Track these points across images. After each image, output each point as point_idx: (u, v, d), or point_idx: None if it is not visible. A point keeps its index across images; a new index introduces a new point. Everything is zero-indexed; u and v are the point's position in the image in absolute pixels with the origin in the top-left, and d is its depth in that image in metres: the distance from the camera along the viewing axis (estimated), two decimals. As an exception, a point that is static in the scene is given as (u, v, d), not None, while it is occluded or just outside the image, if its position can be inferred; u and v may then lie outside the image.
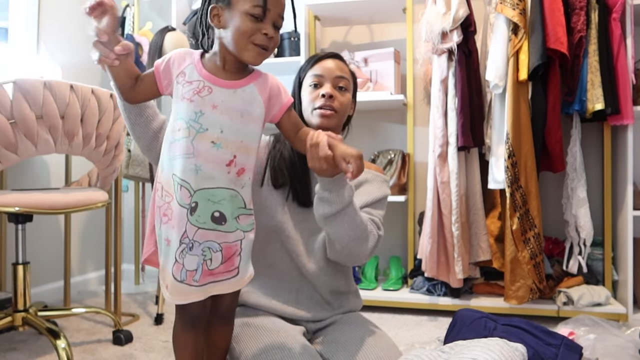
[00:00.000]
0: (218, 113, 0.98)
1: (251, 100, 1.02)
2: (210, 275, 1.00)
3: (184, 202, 0.97)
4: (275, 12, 1.01)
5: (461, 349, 1.32)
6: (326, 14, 2.66)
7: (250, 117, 1.01)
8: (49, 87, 1.60)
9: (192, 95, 0.99)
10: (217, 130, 0.97)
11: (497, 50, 2.17)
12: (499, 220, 2.36)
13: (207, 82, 1.00)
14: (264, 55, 1.01)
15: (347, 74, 1.28)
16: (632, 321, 2.12)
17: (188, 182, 0.97)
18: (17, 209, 1.57)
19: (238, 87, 1.01)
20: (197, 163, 0.97)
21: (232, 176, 0.99)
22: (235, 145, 0.99)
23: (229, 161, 0.98)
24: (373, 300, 2.38)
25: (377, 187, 1.30)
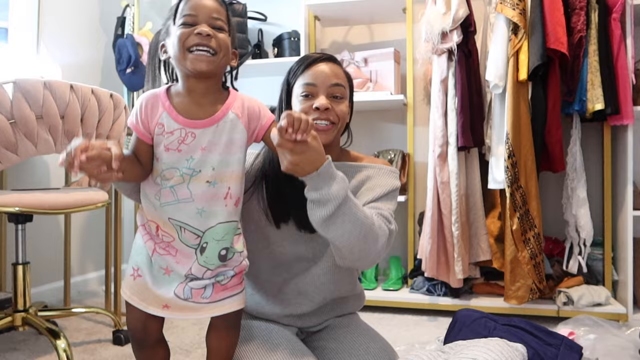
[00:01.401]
0: (207, 153, 0.97)
1: (232, 129, 1.00)
2: (224, 289, 1.02)
3: (191, 243, 0.99)
4: (205, 14, 0.96)
5: (461, 349, 1.32)
6: (326, 14, 2.66)
7: (233, 145, 1.00)
8: (49, 87, 1.60)
9: (178, 145, 0.97)
10: (210, 169, 0.97)
11: (497, 50, 2.17)
12: (499, 220, 2.36)
13: (188, 129, 0.97)
14: (206, 58, 0.95)
15: (342, 80, 1.15)
16: (632, 321, 2.12)
17: (193, 225, 0.98)
18: (17, 209, 1.57)
19: (218, 120, 0.99)
20: (198, 207, 0.97)
21: (231, 208, 1.00)
22: (228, 176, 0.99)
23: (225, 194, 0.99)
24: (373, 300, 2.38)
25: (381, 180, 1.17)
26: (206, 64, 0.95)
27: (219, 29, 0.98)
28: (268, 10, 2.97)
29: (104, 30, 2.94)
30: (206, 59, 0.95)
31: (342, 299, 1.28)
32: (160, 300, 1.00)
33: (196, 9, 0.96)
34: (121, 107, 1.86)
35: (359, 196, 1.14)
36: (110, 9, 2.93)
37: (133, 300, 1.01)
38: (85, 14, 2.82)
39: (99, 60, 2.94)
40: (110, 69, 2.87)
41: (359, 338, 1.20)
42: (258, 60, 2.72)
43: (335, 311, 1.28)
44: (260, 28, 2.92)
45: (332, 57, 1.18)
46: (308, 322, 1.25)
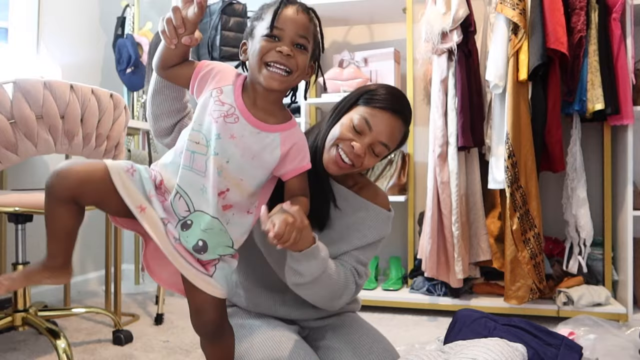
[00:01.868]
0: (233, 144, 0.97)
1: (270, 149, 0.99)
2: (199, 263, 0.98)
3: (179, 212, 0.97)
4: (292, 31, 0.95)
5: (461, 349, 1.32)
6: (326, 14, 2.66)
7: (260, 161, 0.99)
8: (49, 87, 1.60)
9: (219, 116, 0.97)
10: (224, 159, 0.96)
11: (497, 50, 2.17)
12: (499, 220, 2.36)
13: (237, 111, 0.98)
14: (279, 78, 0.95)
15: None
16: (632, 321, 2.12)
17: (191, 198, 0.97)
18: (17, 209, 1.57)
19: (263, 130, 0.99)
20: (205, 184, 0.97)
21: (220, 207, 0.98)
22: (233, 180, 0.98)
23: (221, 191, 0.97)
24: (373, 300, 2.38)
25: (375, 229, 1.19)
26: (278, 83, 0.96)
27: (301, 46, 0.97)
28: (268, 10, 2.97)
29: (104, 30, 2.94)
30: (280, 77, 0.95)
31: None
32: (140, 200, 0.95)
33: (284, 24, 0.95)
34: (121, 107, 1.86)
35: (350, 232, 1.17)
36: (110, 9, 2.93)
37: (115, 180, 0.94)
38: (85, 14, 2.82)
39: (99, 60, 2.94)
40: (110, 69, 2.87)
41: (362, 338, 1.20)
42: (258, 60, 2.72)
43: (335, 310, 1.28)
44: (260, 28, 2.92)
45: None
46: (306, 314, 1.25)
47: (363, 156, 1.10)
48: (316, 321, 1.27)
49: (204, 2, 0.90)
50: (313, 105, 2.65)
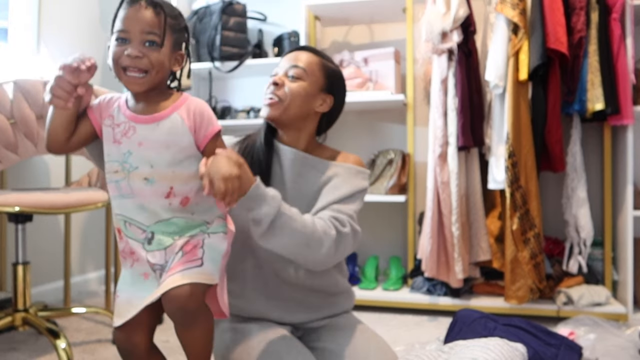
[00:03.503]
0: (144, 149, 0.99)
1: (175, 130, 1.00)
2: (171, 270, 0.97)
3: (137, 238, 1.00)
4: (137, 31, 0.95)
5: (461, 349, 1.32)
6: (326, 14, 2.66)
7: (177, 147, 1.00)
8: (49, 87, 1.60)
9: (121, 137, 1.00)
10: (148, 167, 0.98)
11: (497, 50, 2.17)
12: (499, 220, 2.36)
13: (131, 122, 1.00)
14: (137, 81, 0.97)
15: (303, 63, 1.19)
16: (632, 321, 2.12)
17: (138, 220, 0.99)
18: (17, 209, 1.57)
19: (159, 119, 1.00)
20: (137, 202, 0.99)
21: (176, 206, 0.99)
22: (169, 176, 0.99)
23: (166, 193, 0.99)
24: (373, 300, 2.38)
25: (346, 181, 1.18)
26: (139, 86, 0.98)
27: (152, 43, 0.97)
28: (268, 10, 2.98)
29: (104, 30, 2.94)
30: (138, 81, 0.98)
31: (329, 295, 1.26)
32: (135, 308, 0.99)
33: (128, 25, 0.96)
34: (121, 107, 1.85)
35: (324, 193, 1.16)
36: (110, 9, 2.93)
37: (115, 322, 1.01)
38: (85, 14, 2.82)
39: (99, 60, 2.94)
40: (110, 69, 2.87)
41: (359, 340, 1.19)
42: (258, 60, 2.72)
43: (326, 308, 1.26)
44: (260, 28, 2.92)
45: (307, 47, 1.24)
46: (299, 318, 1.24)
47: (281, 84, 1.18)
48: (311, 323, 1.26)
49: (94, 64, 0.96)
50: (313, 105, 2.65)
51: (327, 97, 1.23)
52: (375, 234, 2.79)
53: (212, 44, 2.69)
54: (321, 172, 1.21)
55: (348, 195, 1.15)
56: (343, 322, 1.26)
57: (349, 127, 2.85)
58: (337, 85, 1.25)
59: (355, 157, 1.26)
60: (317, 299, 1.24)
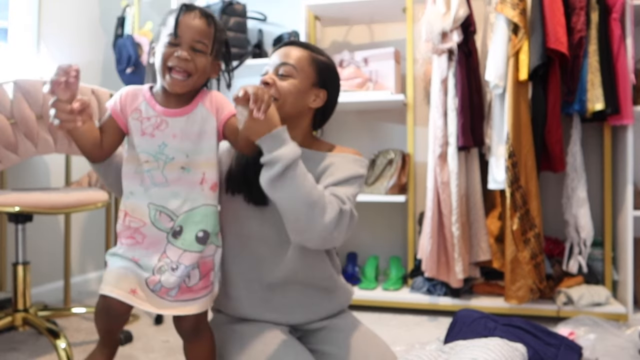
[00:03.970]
0: (179, 141, 1.06)
1: (203, 119, 1.08)
2: (189, 292, 1.06)
3: (164, 227, 1.04)
4: (189, 36, 1.03)
5: (461, 349, 1.32)
6: (326, 14, 2.66)
7: (206, 134, 1.08)
8: (49, 87, 1.60)
9: (153, 130, 1.06)
10: (183, 156, 1.05)
11: (497, 50, 2.17)
12: (499, 220, 2.36)
13: (162, 117, 1.06)
14: (180, 83, 1.04)
15: (292, 60, 1.18)
16: (632, 321, 2.12)
17: (169, 208, 1.04)
18: (17, 209, 1.57)
19: (189, 112, 1.08)
20: (173, 190, 1.05)
21: (207, 192, 1.07)
22: (202, 163, 1.07)
23: (200, 180, 1.06)
24: (373, 300, 2.38)
25: (343, 167, 1.16)
26: (180, 88, 1.05)
27: (199, 51, 1.06)
28: (268, 10, 2.98)
29: (104, 30, 2.94)
30: (180, 83, 1.04)
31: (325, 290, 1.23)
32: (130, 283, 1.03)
33: (182, 30, 1.04)
34: (121, 107, 1.86)
35: (320, 181, 1.13)
36: (110, 9, 2.93)
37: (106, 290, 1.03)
38: (85, 14, 2.82)
39: (99, 60, 2.94)
40: (110, 69, 2.87)
41: (358, 343, 1.17)
42: (258, 60, 2.72)
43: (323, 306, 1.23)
44: (260, 28, 2.92)
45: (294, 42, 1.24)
46: (296, 319, 1.21)
47: (272, 83, 1.17)
48: (308, 324, 1.24)
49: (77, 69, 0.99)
50: (313, 105, 2.65)
51: (320, 91, 1.21)
52: (375, 234, 2.79)
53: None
54: (317, 163, 1.18)
55: (344, 179, 1.13)
56: (342, 324, 1.24)
57: (349, 127, 2.85)
58: (329, 78, 1.22)
59: (353, 150, 1.24)
60: (313, 296, 1.21)
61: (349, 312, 1.32)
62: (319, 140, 1.27)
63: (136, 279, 1.03)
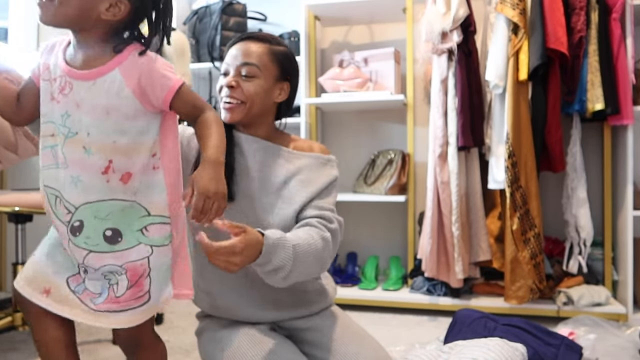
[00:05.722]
0: (83, 112, 0.83)
1: (116, 92, 0.83)
2: (115, 302, 0.88)
3: (64, 219, 0.86)
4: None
5: (461, 348, 1.32)
6: (326, 14, 2.66)
7: (118, 113, 0.84)
8: (48, 87, 1.60)
9: (58, 94, 0.84)
10: (85, 133, 0.83)
11: (497, 50, 2.17)
12: (499, 220, 2.36)
13: (67, 77, 0.84)
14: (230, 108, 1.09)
15: (254, 59, 1.13)
16: (632, 321, 2.12)
17: (66, 198, 0.85)
18: (17, 209, 1.57)
19: (97, 77, 0.83)
20: (72, 174, 0.83)
21: (115, 184, 0.85)
22: (108, 148, 0.84)
23: (104, 168, 0.83)
24: (373, 300, 2.38)
25: (318, 171, 1.17)
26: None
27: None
28: (268, 10, 2.97)
29: (104, 30, 2.94)
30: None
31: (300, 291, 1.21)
32: (45, 281, 0.88)
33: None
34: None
35: (295, 186, 1.15)
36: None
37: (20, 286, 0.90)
38: (85, 14, 2.81)
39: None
40: (110, 69, 2.87)
41: (348, 343, 1.15)
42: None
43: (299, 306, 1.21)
44: (260, 28, 2.92)
45: (253, 35, 1.18)
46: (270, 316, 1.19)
47: (237, 86, 1.12)
48: (294, 321, 1.21)
49: None
50: (313, 105, 2.65)
51: (283, 84, 1.19)
52: (375, 234, 2.79)
53: (212, 44, 2.69)
54: (288, 161, 1.18)
55: (323, 188, 1.16)
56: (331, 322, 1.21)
57: (349, 127, 2.85)
58: (290, 68, 1.21)
59: (319, 146, 1.26)
60: (286, 297, 1.19)
61: (338, 310, 1.29)
62: (282, 133, 1.26)
63: (54, 275, 0.88)
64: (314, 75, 2.69)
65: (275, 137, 1.23)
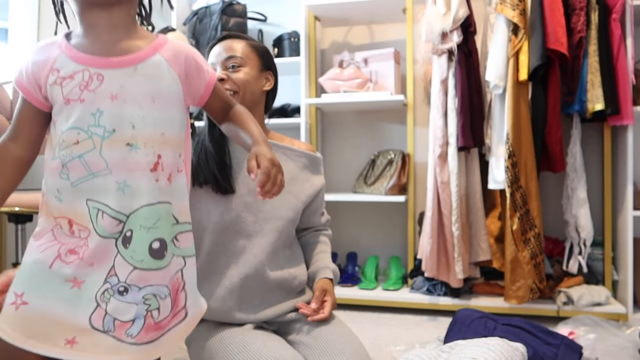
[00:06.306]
0: (121, 104, 0.73)
1: (161, 76, 0.76)
2: (157, 329, 0.75)
3: (110, 232, 0.72)
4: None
5: (461, 348, 1.32)
6: (326, 14, 2.66)
7: (165, 99, 0.76)
8: (49, 87, 1.60)
9: (81, 92, 0.72)
10: (129, 127, 0.73)
11: (497, 50, 2.17)
12: (499, 220, 2.36)
13: (92, 69, 0.73)
14: None
15: (238, 52, 1.22)
16: (632, 321, 2.12)
17: (113, 207, 0.73)
18: (17, 209, 1.57)
19: (138, 61, 0.75)
20: (118, 180, 0.72)
21: (163, 184, 0.75)
22: (156, 140, 0.75)
23: (153, 164, 0.74)
24: (373, 300, 2.38)
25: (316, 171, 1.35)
26: None
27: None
28: (268, 11, 2.98)
29: (104, 30, 2.94)
30: None
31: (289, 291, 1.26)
32: (64, 330, 0.70)
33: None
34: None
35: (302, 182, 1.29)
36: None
37: (14, 338, 0.70)
38: (86, 14, 2.82)
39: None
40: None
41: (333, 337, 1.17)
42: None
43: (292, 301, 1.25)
44: (260, 28, 2.92)
45: (230, 34, 1.28)
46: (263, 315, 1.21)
47: (227, 78, 1.21)
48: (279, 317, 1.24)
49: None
50: (313, 105, 2.65)
51: (267, 74, 1.29)
52: (375, 234, 2.79)
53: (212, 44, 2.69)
54: (291, 159, 1.30)
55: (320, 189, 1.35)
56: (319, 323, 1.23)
57: (349, 127, 2.85)
58: (270, 60, 1.30)
59: (306, 144, 1.39)
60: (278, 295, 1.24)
61: None
62: (269, 130, 1.35)
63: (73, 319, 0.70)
64: (314, 76, 2.69)
65: (267, 134, 1.31)
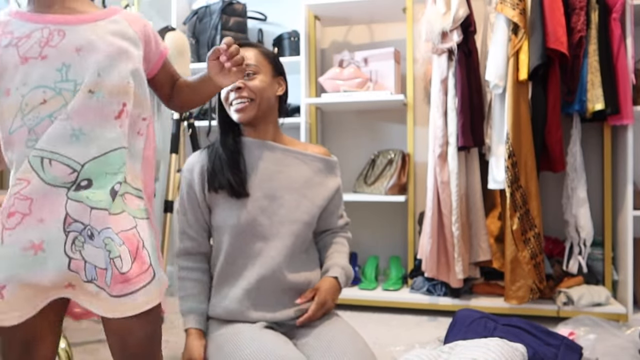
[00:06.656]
0: (86, 54, 0.73)
1: (123, 32, 0.77)
2: (126, 281, 0.72)
3: (61, 181, 0.70)
4: None
5: (461, 349, 1.32)
6: (326, 14, 2.66)
7: (129, 56, 0.77)
8: (48, 87, 1.59)
9: (41, 49, 0.71)
10: (94, 75, 0.72)
11: (497, 50, 2.17)
12: (499, 220, 2.36)
13: (52, 25, 0.73)
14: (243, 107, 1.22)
15: (251, 60, 1.24)
16: (632, 321, 2.12)
17: (66, 155, 0.70)
18: None
19: (99, 18, 0.76)
20: (74, 126, 0.71)
21: (126, 130, 0.76)
22: (122, 89, 0.75)
23: (118, 112, 0.74)
24: (373, 300, 2.38)
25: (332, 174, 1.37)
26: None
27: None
28: (268, 10, 2.98)
29: (104, 30, 2.94)
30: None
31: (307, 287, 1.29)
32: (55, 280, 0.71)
33: None
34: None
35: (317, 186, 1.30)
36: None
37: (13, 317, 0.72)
38: (85, 13, 2.82)
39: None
40: (110, 69, 2.87)
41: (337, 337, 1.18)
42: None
43: None
44: (260, 28, 2.92)
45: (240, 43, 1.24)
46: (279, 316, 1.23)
47: (244, 86, 1.23)
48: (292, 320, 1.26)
49: None
50: (313, 105, 2.65)
51: (279, 79, 1.32)
52: (375, 234, 2.79)
53: (212, 44, 2.69)
54: (305, 163, 1.31)
55: (336, 190, 1.37)
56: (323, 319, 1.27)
57: (349, 127, 2.85)
58: (280, 65, 1.34)
59: (320, 148, 1.40)
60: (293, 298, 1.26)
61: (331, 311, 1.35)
62: (282, 133, 1.36)
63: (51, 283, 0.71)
64: (314, 75, 2.69)
65: (281, 138, 1.33)
